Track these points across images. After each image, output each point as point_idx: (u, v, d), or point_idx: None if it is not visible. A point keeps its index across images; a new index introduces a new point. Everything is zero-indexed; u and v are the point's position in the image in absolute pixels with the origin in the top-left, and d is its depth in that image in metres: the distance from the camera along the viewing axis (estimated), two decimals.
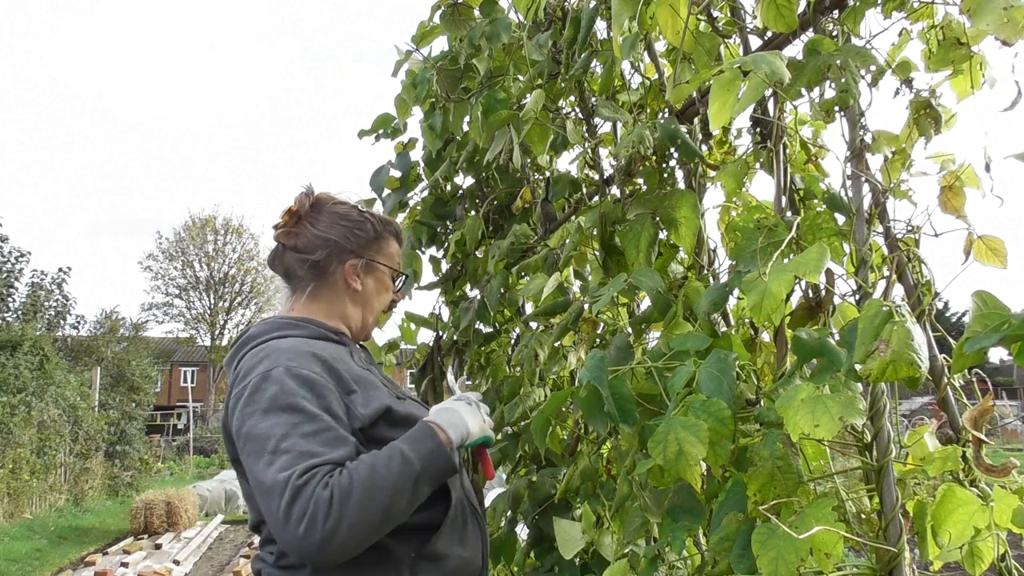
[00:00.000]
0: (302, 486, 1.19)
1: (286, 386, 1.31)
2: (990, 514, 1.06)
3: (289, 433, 1.25)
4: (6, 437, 11.68)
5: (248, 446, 1.28)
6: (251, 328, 1.51)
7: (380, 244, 1.60)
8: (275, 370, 1.34)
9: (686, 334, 1.32)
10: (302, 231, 1.54)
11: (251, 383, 1.33)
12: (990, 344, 0.90)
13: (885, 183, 1.23)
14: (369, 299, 1.59)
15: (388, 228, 1.63)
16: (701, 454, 1.06)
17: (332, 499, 1.19)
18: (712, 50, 1.51)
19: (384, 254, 1.61)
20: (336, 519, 1.18)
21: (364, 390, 1.41)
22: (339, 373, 1.39)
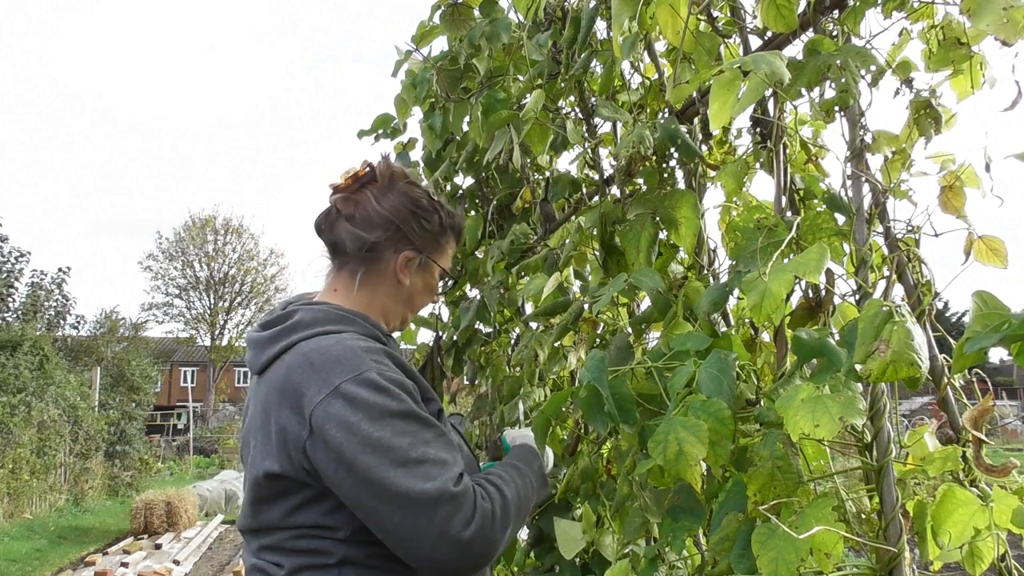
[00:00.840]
0: (460, 495, 1.14)
1: (392, 392, 1.19)
2: (990, 514, 1.06)
3: (415, 442, 1.16)
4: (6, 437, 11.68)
5: (364, 453, 1.13)
6: (298, 311, 1.32)
7: (441, 241, 1.46)
8: (368, 373, 1.19)
9: (686, 334, 1.32)
10: (364, 201, 1.36)
11: (343, 384, 1.17)
12: (990, 344, 0.90)
13: (885, 183, 1.23)
14: (413, 298, 1.45)
15: (454, 225, 1.48)
16: (701, 454, 1.06)
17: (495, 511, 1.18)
18: (712, 50, 1.51)
19: (442, 253, 1.47)
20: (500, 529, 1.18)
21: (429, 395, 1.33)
22: (415, 376, 1.30)
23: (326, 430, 1.14)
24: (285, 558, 1.21)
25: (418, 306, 1.48)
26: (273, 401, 1.21)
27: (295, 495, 1.20)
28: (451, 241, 1.49)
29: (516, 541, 2.19)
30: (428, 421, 1.20)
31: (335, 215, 1.37)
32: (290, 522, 1.21)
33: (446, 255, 1.48)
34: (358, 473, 1.12)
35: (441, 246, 1.46)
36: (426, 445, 1.16)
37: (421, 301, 1.48)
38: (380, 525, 1.14)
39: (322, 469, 1.15)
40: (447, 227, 1.46)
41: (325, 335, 1.25)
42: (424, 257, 1.42)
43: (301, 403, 1.16)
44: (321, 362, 1.19)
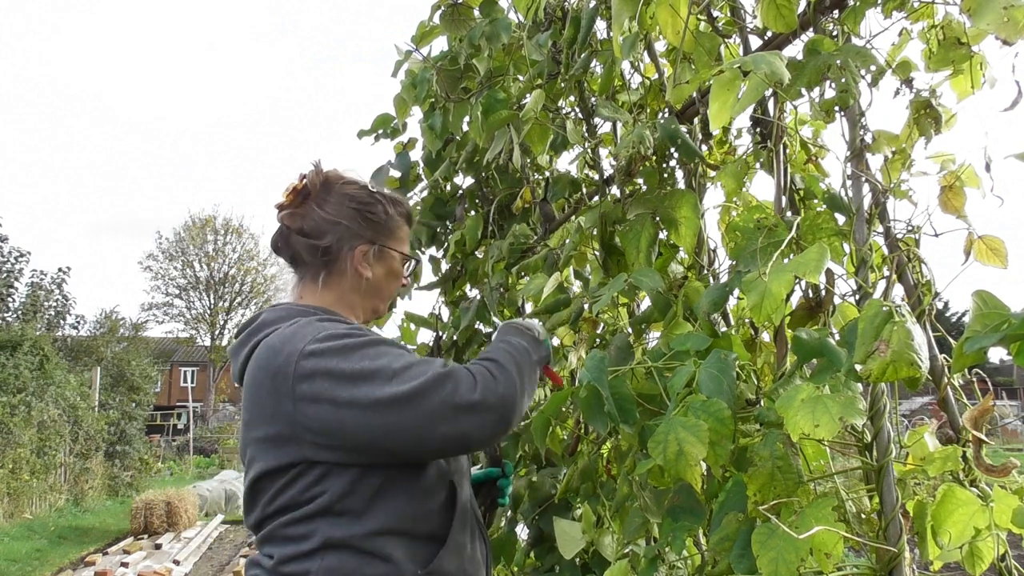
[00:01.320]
0: (453, 371, 1.23)
1: (352, 333, 1.27)
2: (990, 514, 1.06)
3: (392, 359, 1.23)
4: (6, 437, 11.68)
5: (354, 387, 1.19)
6: (262, 314, 1.41)
7: (391, 227, 1.51)
8: (325, 331, 1.27)
9: (686, 334, 1.32)
10: (308, 212, 1.44)
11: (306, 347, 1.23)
12: (990, 344, 0.90)
13: (885, 183, 1.23)
14: (379, 287, 1.51)
15: (399, 209, 1.53)
16: (701, 454, 1.06)
17: (491, 371, 1.26)
18: (712, 50, 1.51)
19: (395, 238, 1.52)
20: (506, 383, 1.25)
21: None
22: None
23: (310, 388, 1.20)
24: (276, 548, 1.25)
25: (387, 293, 1.52)
26: (253, 397, 1.28)
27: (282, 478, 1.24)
28: (401, 225, 1.53)
29: (516, 541, 2.20)
30: (394, 343, 1.29)
31: (286, 232, 1.45)
32: (276, 506, 1.24)
33: (400, 239, 1.53)
34: (358, 404, 1.18)
35: (391, 232, 1.51)
36: (402, 358, 1.24)
37: (388, 287, 1.52)
38: (396, 439, 1.19)
39: (322, 425, 1.20)
40: (392, 214, 1.51)
41: (288, 327, 1.31)
42: (378, 246, 1.48)
43: (276, 382, 1.22)
44: (281, 343, 1.26)
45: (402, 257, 1.53)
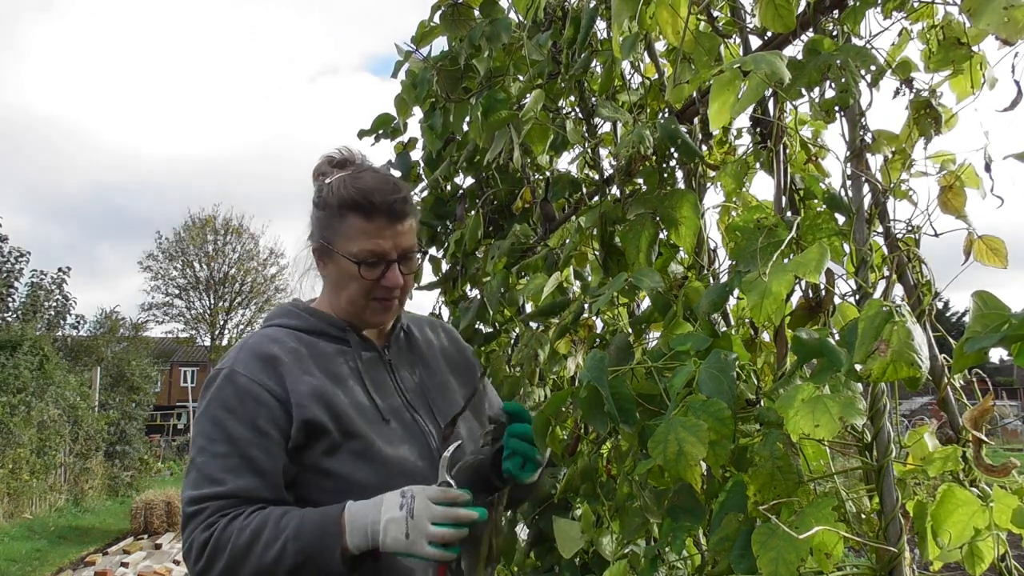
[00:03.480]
0: (191, 516, 1.29)
1: (222, 393, 1.34)
2: (990, 514, 1.06)
3: (205, 447, 1.32)
4: (6, 437, 11.69)
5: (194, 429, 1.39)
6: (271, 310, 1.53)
7: (334, 223, 1.40)
8: (224, 371, 1.38)
9: (686, 334, 1.32)
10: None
11: (211, 374, 1.39)
12: (990, 344, 0.90)
13: (885, 183, 1.23)
14: (338, 286, 1.43)
15: (346, 201, 1.38)
16: (701, 454, 1.06)
17: (205, 547, 1.24)
18: (712, 50, 1.51)
19: (341, 235, 1.39)
20: (204, 567, 1.25)
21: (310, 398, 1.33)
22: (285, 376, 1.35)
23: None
24: None
25: (354, 294, 1.42)
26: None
27: None
28: (348, 219, 1.38)
29: (516, 540, 2.20)
30: (234, 437, 1.30)
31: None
32: None
33: (347, 236, 1.39)
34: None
35: (336, 228, 1.40)
36: (209, 456, 1.30)
37: (351, 288, 1.42)
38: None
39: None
40: (336, 207, 1.39)
41: (263, 327, 1.48)
42: (323, 245, 1.43)
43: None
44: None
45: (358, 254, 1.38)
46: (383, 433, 1.38)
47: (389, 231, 1.39)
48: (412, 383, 1.50)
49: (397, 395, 1.46)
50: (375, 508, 1.25)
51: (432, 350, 1.60)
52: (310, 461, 1.35)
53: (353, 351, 1.45)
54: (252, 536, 1.23)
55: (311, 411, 1.33)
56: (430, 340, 1.62)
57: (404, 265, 1.43)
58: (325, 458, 1.34)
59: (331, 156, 1.48)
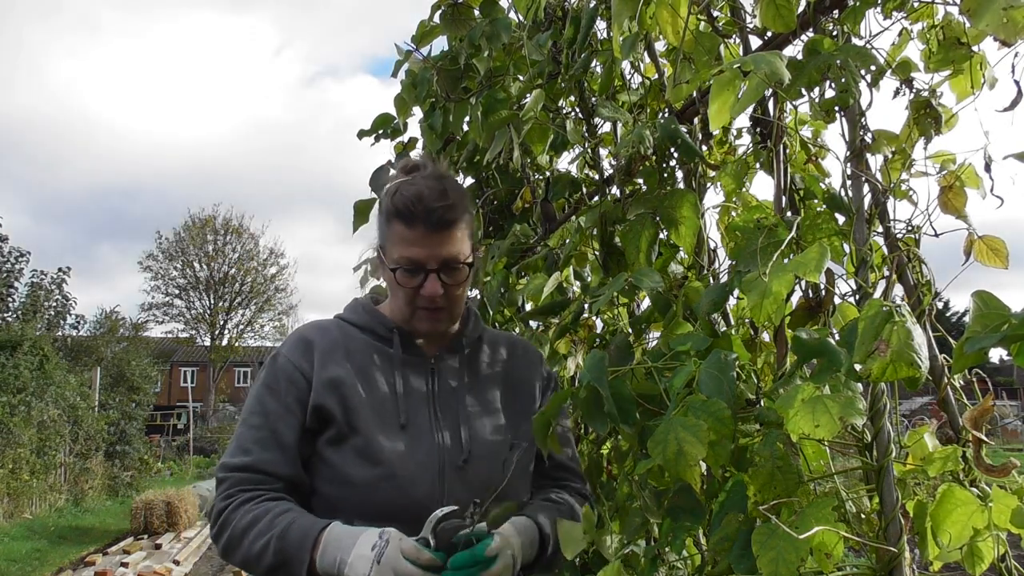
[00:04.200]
0: (219, 482, 1.40)
1: (268, 372, 1.46)
2: (989, 515, 1.06)
3: (246, 419, 1.43)
4: (6, 437, 11.69)
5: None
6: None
7: (385, 230, 1.43)
8: (273, 353, 1.50)
9: (686, 334, 1.32)
10: None
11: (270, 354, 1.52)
12: (990, 344, 0.90)
13: (885, 183, 1.23)
14: (390, 293, 1.49)
15: (392, 208, 1.40)
16: (701, 454, 1.06)
17: (219, 518, 1.37)
18: (712, 50, 1.51)
19: (389, 241, 1.42)
20: (215, 534, 1.38)
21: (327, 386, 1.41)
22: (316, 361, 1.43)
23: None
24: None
25: (400, 301, 1.45)
26: None
27: None
28: (394, 226, 1.40)
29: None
30: (268, 411, 1.40)
31: None
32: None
33: (393, 242, 1.41)
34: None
35: (387, 235, 1.43)
36: (247, 427, 1.41)
37: (397, 295, 1.45)
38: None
39: None
40: (386, 211, 1.42)
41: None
42: (379, 250, 1.47)
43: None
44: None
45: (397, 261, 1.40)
46: (393, 435, 1.39)
47: (428, 240, 1.37)
48: (450, 395, 1.47)
49: (427, 404, 1.45)
50: (351, 539, 1.27)
51: (495, 367, 1.57)
52: (318, 446, 1.41)
53: (394, 352, 1.47)
54: (250, 523, 1.33)
55: (323, 398, 1.40)
56: (498, 358, 1.59)
57: (446, 275, 1.40)
58: (328, 447, 1.40)
59: (405, 162, 1.50)
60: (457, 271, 1.41)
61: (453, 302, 1.44)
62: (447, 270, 1.40)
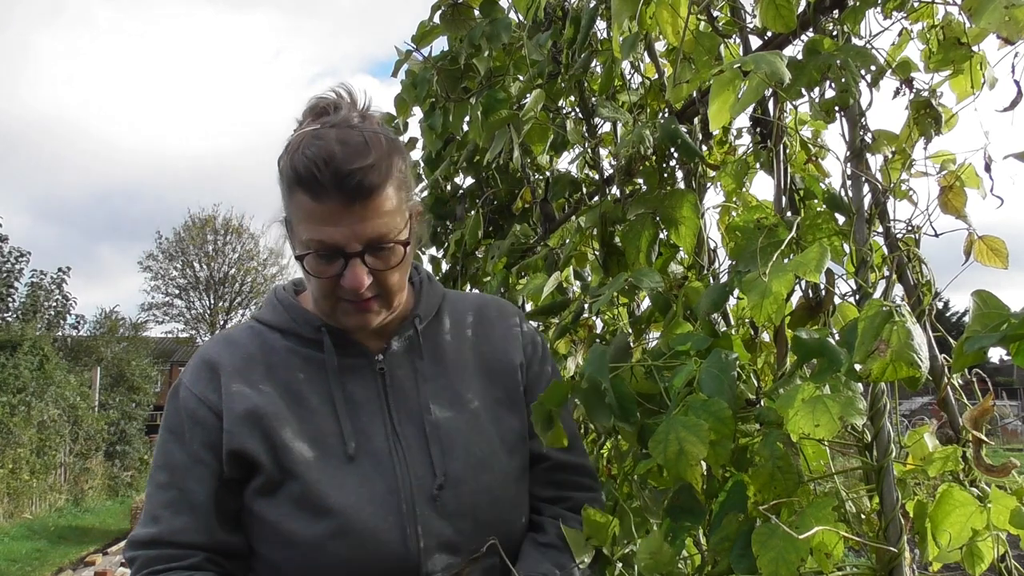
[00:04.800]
0: (129, 562, 1.13)
1: (168, 410, 1.16)
2: (987, 516, 1.06)
3: (153, 475, 1.15)
4: (6, 437, 11.70)
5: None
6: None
7: (288, 202, 1.09)
8: (175, 384, 1.18)
9: (686, 334, 1.32)
10: None
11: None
12: (990, 344, 0.90)
13: (885, 183, 1.23)
14: (308, 281, 1.14)
15: (291, 173, 1.05)
16: (702, 453, 1.06)
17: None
18: (712, 50, 1.51)
19: (295, 217, 1.08)
20: None
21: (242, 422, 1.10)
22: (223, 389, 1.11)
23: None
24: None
25: (316, 292, 1.12)
26: None
27: None
28: (300, 196, 1.05)
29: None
30: (174, 464, 1.11)
31: None
32: None
33: (300, 220, 1.07)
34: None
35: (291, 208, 1.09)
36: (154, 485, 1.13)
37: (312, 285, 1.12)
38: None
39: None
40: (286, 176, 1.07)
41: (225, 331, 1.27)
42: (286, 225, 1.13)
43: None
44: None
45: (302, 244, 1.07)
46: (340, 474, 1.09)
47: (344, 215, 1.03)
48: (410, 400, 1.16)
49: (381, 419, 1.14)
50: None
51: (462, 346, 1.24)
52: (247, 499, 1.12)
53: (327, 358, 1.14)
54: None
55: (240, 439, 1.09)
56: (465, 333, 1.25)
57: (374, 259, 1.07)
58: (259, 499, 1.10)
59: (314, 103, 1.12)
60: (388, 252, 1.08)
61: (388, 290, 1.12)
62: (374, 252, 1.07)
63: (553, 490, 1.28)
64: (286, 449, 1.08)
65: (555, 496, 1.28)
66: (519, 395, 1.25)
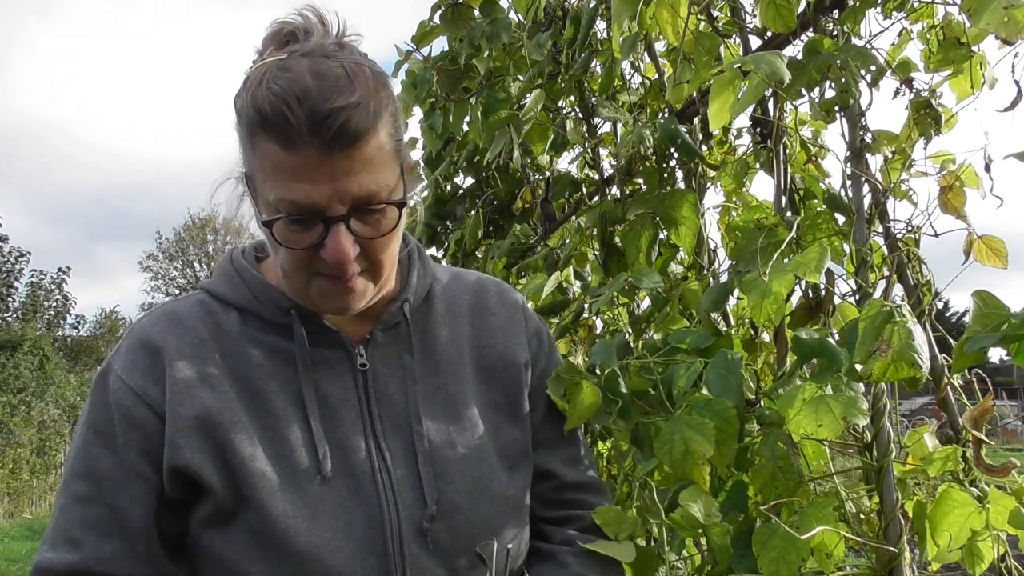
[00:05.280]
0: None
1: (92, 403, 0.91)
2: (986, 516, 1.06)
3: (68, 483, 0.89)
4: (6, 437, 11.71)
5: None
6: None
7: (250, 152, 0.86)
8: (102, 368, 0.93)
9: (684, 330, 1.31)
10: None
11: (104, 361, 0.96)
12: (990, 344, 0.90)
13: (885, 183, 1.23)
14: (274, 252, 0.90)
15: (257, 114, 0.82)
16: (708, 453, 1.05)
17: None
18: (712, 50, 1.51)
19: (260, 172, 0.85)
20: None
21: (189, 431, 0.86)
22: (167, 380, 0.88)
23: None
24: None
25: (286, 266, 0.88)
26: None
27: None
28: (265, 145, 0.83)
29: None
30: (99, 474, 0.87)
31: None
32: None
33: (267, 175, 0.84)
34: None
35: (253, 160, 0.86)
36: (71, 497, 0.89)
37: (280, 256, 0.88)
38: None
39: None
40: (247, 119, 0.85)
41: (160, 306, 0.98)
42: (246, 182, 0.91)
43: None
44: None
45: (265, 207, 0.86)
46: (311, 502, 0.87)
47: (326, 169, 0.81)
48: (398, 406, 0.95)
49: (362, 428, 0.92)
50: None
51: (458, 337, 1.02)
52: (192, 528, 0.90)
53: (298, 348, 0.92)
54: None
55: (186, 454, 0.86)
56: (461, 321, 1.04)
57: (362, 223, 0.86)
58: (207, 530, 0.88)
59: (283, 23, 0.88)
60: (379, 215, 0.86)
61: (378, 264, 0.90)
62: (362, 215, 0.85)
63: (560, 510, 1.07)
64: (244, 470, 0.86)
65: (563, 517, 1.07)
66: (522, 400, 1.03)
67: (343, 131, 0.80)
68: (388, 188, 0.86)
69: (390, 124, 0.86)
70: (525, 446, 1.03)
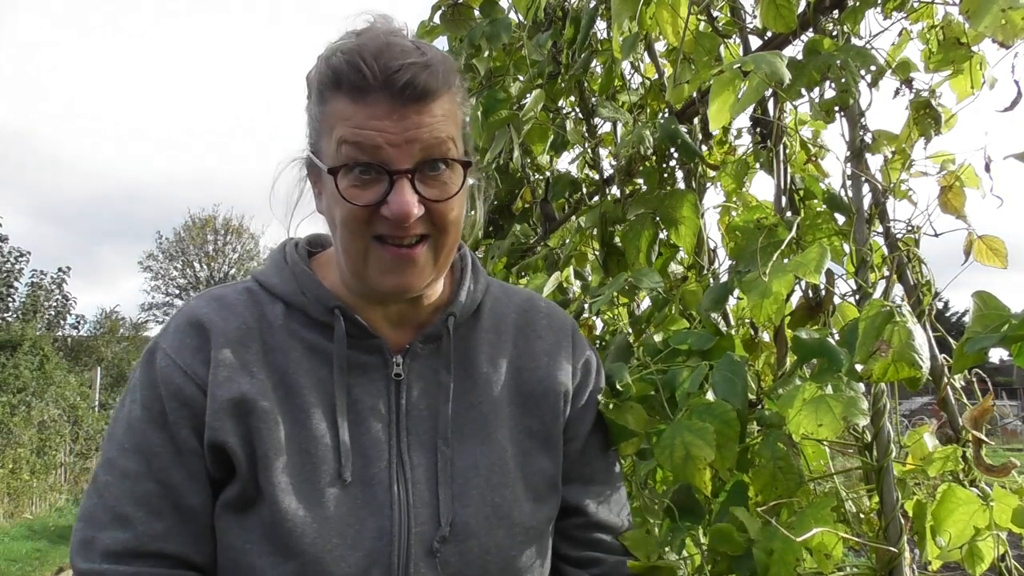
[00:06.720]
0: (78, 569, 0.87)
1: (141, 381, 0.90)
2: (990, 514, 1.06)
3: (115, 460, 0.88)
4: (6, 437, 11.70)
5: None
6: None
7: (319, 115, 0.87)
8: (149, 346, 0.93)
9: (684, 331, 1.31)
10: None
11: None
12: (990, 344, 0.90)
13: (885, 183, 1.23)
14: (332, 223, 0.89)
15: (327, 76, 0.84)
16: (709, 457, 1.05)
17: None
18: (712, 50, 1.51)
19: (326, 128, 0.86)
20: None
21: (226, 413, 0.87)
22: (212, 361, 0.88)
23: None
24: None
25: (345, 237, 0.86)
26: None
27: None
28: (335, 102, 0.84)
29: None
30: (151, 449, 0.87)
31: None
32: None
33: (332, 127, 0.85)
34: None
35: (322, 122, 0.87)
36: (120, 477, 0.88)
37: (339, 224, 0.86)
38: None
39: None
40: (318, 86, 0.86)
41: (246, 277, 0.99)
42: (311, 158, 0.91)
43: None
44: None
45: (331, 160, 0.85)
46: (326, 504, 0.86)
47: (395, 119, 0.81)
48: (427, 423, 0.93)
49: (387, 439, 0.91)
50: None
51: (499, 358, 1.00)
52: (215, 510, 0.91)
53: (336, 349, 0.91)
54: None
55: (222, 431, 0.87)
56: (505, 340, 1.01)
57: (427, 180, 0.85)
58: (227, 514, 0.89)
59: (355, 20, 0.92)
60: (445, 176, 0.86)
61: (443, 230, 0.88)
62: (428, 173, 0.85)
63: (584, 550, 1.03)
64: (266, 460, 0.86)
65: (587, 559, 1.03)
66: (557, 429, 1.00)
67: (413, 84, 0.82)
68: (454, 149, 0.86)
69: (459, 96, 0.89)
70: (555, 478, 1.00)
